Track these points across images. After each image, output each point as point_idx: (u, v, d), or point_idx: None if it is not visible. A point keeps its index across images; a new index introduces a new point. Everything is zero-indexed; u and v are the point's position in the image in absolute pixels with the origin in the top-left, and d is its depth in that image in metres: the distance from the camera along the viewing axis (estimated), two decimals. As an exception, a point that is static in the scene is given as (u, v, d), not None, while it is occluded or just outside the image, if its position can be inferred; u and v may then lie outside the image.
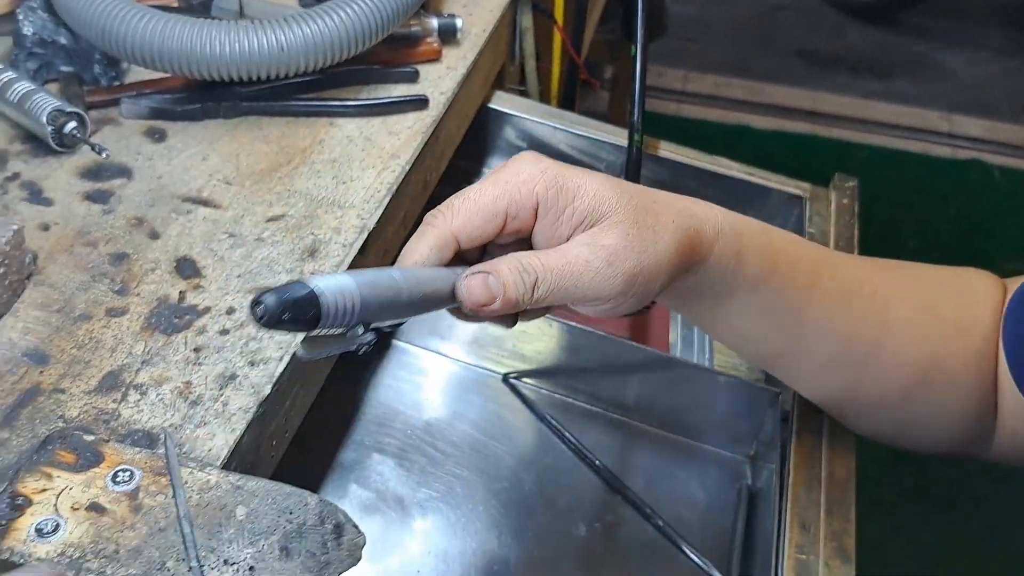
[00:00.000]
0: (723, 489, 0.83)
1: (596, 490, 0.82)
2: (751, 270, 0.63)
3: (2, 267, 0.64)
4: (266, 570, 0.49)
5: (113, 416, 0.59)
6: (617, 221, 0.57)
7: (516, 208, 0.57)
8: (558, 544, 0.77)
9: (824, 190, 1.05)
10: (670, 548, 0.78)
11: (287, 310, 0.47)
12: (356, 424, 0.86)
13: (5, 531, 0.50)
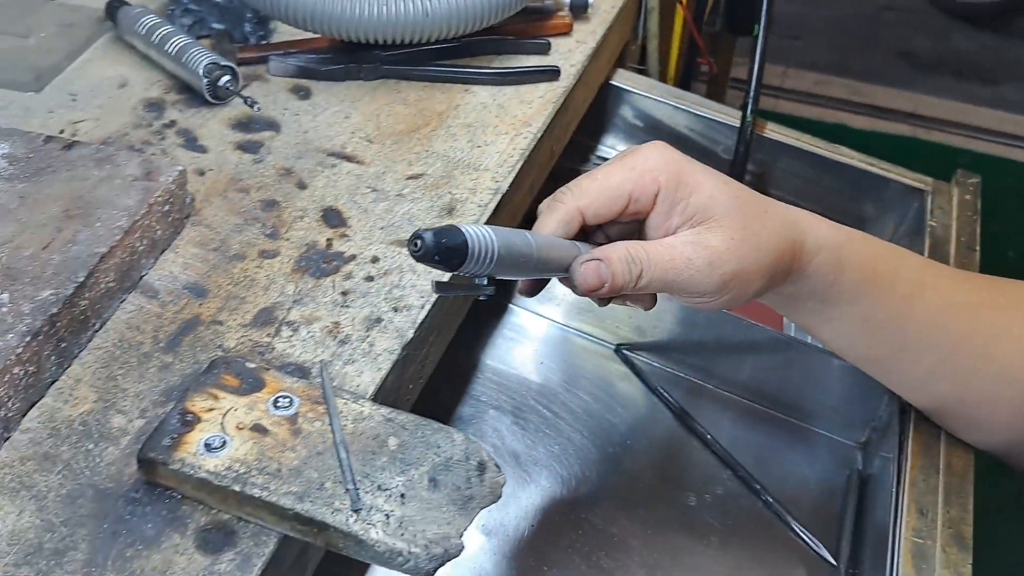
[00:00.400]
0: (833, 473, 0.84)
1: (706, 464, 0.83)
2: (851, 281, 0.65)
3: (167, 205, 0.68)
4: (415, 498, 0.52)
5: (267, 349, 0.63)
6: (724, 224, 0.60)
7: (639, 193, 0.61)
8: (668, 511, 0.79)
9: (946, 185, 1.05)
10: (779, 525, 0.79)
11: (440, 252, 0.51)
12: (474, 381, 0.89)
13: (176, 444, 0.53)
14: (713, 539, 0.77)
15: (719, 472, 0.82)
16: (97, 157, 0.68)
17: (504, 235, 0.55)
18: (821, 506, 0.81)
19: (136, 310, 0.64)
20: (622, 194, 0.61)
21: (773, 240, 0.61)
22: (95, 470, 0.55)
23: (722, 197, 0.61)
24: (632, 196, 0.61)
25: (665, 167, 0.61)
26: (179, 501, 0.54)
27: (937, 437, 0.74)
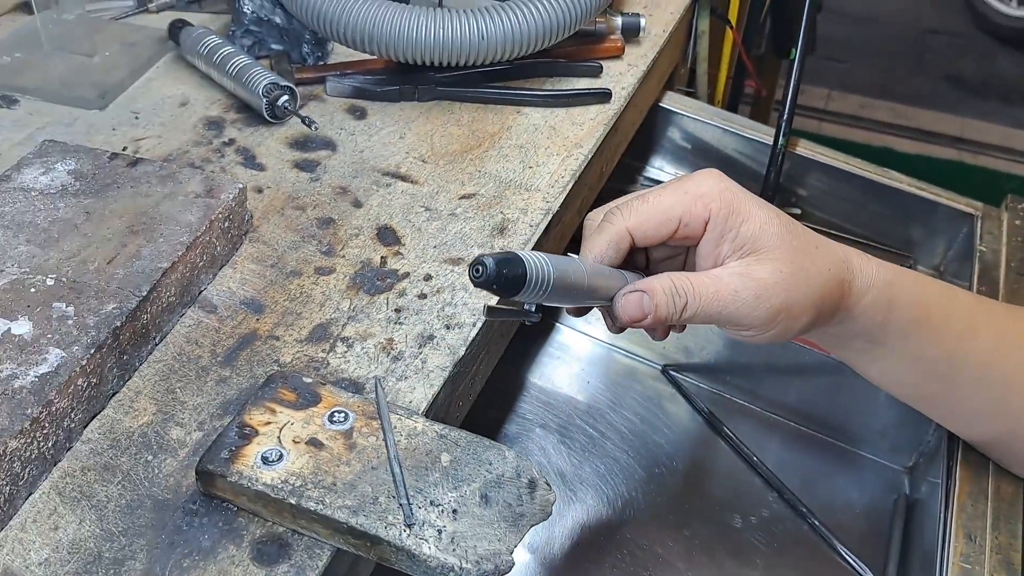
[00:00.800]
0: (880, 497, 0.84)
1: (752, 485, 0.83)
2: (902, 320, 0.64)
3: (227, 221, 0.69)
4: (468, 515, 0.53)
5: (323, 364, 0.64)
6: (774, 257, 0.59)
7: (689, 218, 0.60)
8: (713, 532, 0.79)
9: (996, 210, 1.04)
10: (825, 548, 0.79)
11: (500, 280, 0.52)
12: (520, 400, 0.90)
13: (235, 456, 0.54)
14: (759, 561, 0.77)
15: (765, 494, 0.82)
16: (160, 174, 0.70)
17: (559, 265, 0.56)
18: (867, 530, 0.81)
19: (195, 324, 0.66)
20: (672, 217, 0.60)
21: (823, 276, 0.61)
22: (154, 481, 0.56)
23: (773, 229, 0.60)
24: (683, 220, 0.60)
25: (718, 194, 0.60)
26: (235, 513, 0.55)
27: (986, 463, 0.74)
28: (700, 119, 1.13)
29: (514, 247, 0.74)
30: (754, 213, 0.60)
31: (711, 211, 0.60)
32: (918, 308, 0.64)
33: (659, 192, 0.62)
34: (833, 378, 0.87)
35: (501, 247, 0.74)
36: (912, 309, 0.64)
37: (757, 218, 0.60)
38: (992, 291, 0.93)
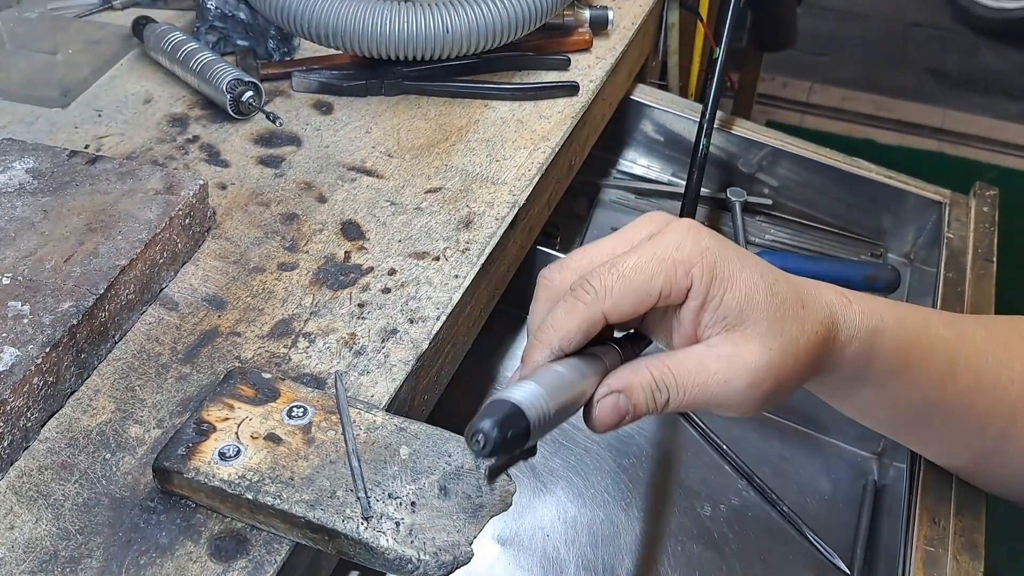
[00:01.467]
0: (848, 483, 0.84)
1: (722, 474, 0.83)
2: (881, 368, 0.60)
3: (188, 218, 0.69)
4: (426, 507, 0.53)
5: (284, 360, 0.64)
6: (761, 332, 0.54)
7: (670, 289, 0.54)
8: (683, 521, 0.79)
9: (964, 197, 1.05)
10: (794, 535, 0.79)
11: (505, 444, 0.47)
12: (491, 392, 0.90)
13: (191, 453, 0.54)
14: (728, 549, 0.77)
15: (735, 483, 0.82)
16: (120, 171, 0.70)
17: (551, 387, 0.50)
18: (836, 516, 0.81)
19: (155, 322, 0.66)
20: (652, 292, 0.53)
21: (810, 342, 0.55)
22: (111, 479, 0.56)
23: (759, 296, 0.54)
24: (663, 293, 0.54)
25: (699, 257, 0.54)
26: (193, 509, 0.55)
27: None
28: (671, 111, 1.13)
29: (479, 240, 0.74)
30: (738, 278, 0.54)
31: (693, 278, 0.54)
32: (898, 355, 0.60)
33: (635, 261, 0.54)
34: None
35: (467, 240, 0.74)
36: (892, 357, 0.60)
37: (741, 284, 0.54)
38: (959, 277, 0.93)
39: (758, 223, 1.12)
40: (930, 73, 3.39)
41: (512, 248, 0.79)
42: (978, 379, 0.63)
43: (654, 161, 1.18)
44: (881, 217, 1.09)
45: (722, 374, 0.54)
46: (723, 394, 0.54)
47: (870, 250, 1.10)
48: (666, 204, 1.12)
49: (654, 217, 0.57)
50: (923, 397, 0.62)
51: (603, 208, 1.11)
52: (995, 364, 0.63)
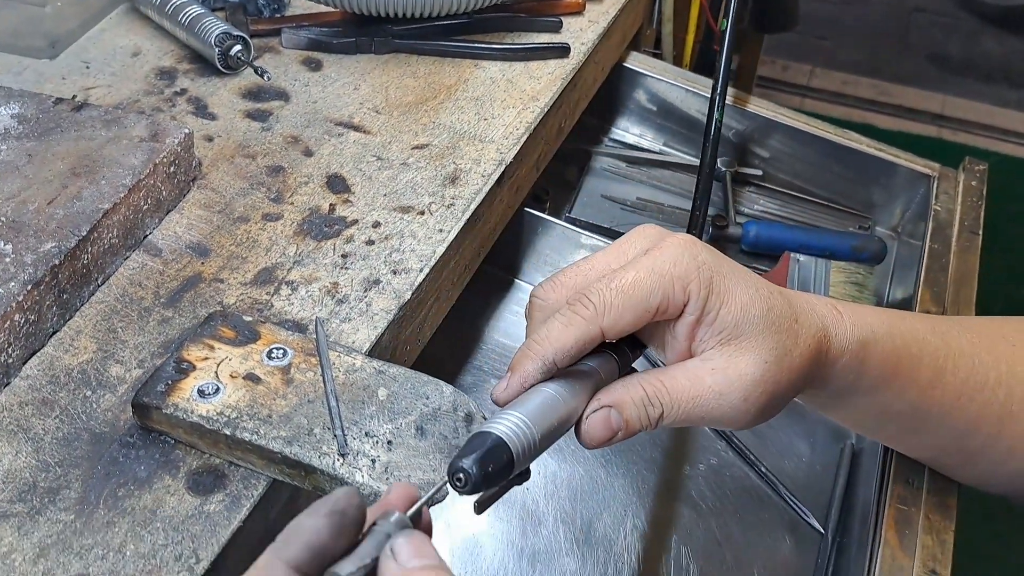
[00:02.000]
0: (827, 447, 0.85)
1: (701, 434, 0.84)
2: (872, 378, 0.61)
3: (172, 166, 0.69)
4: (402, 445, 0.53)
5: (266, 306, 0.64)
6: (756, 346, 0.54)
7: (667, 305, 0.54)
8: (662, 479, 0.80)
9: (953, 171, 1.05)
10: (771, 495, 0.80)
11: (488, 478, 0.47)
12: (476, 351, 0.90)
13: (171, 390, 0.55)
14: (704, 506, 0.78)
15: (714, 443, 0.83)
16: (105, 119, 0.70)
17: (537, 416, 0.50)
18: (814, 479, 0.82)
19: (139, 267, 0.66)
20: (650, 308, 0.53)
21: (804, 356, 0.56)
22: (91, 415, 0.56)
23: (754, 311, 0.54)
24: (660, 308, 0.53)
25: (696, 273, 0.54)
26: (172, 445, 0.55)
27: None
28: (665, 80, 1.13)
29: (465, 196, 0.74)
30: (733, 292, 0.54)
31: (690, 293, 0.54)
32: (888, 365, 0.61)
33: (632, 276, 0.54)
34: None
35: (452, 196, 0.74)
36: (882, 367, 0.60)
37: (737, 299, 0.54)
38: (944, 248, 0.93)
39: (748, 193, 1.13)
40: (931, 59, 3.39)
41: (499, 206, 0.80)
42: (966, 383, 0.63)
43: (647, 130, 1.18)
44: (871, 190, 1.09)
45: (716, 387, 0.54)
46: (717, 407, 0.54)
47: (858, 223, 1.11)
48: (656, 172, 1.13)
49: (647, 231, 0.57)
50: (912, 403, 0.63)
51: (594, 175, 1.12)
52: (982, 367, 0.64)
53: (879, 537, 0.67)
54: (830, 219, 1.11)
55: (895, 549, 0.68)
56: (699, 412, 0.54)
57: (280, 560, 0.39)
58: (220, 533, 0.51)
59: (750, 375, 0.54)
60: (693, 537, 0.77)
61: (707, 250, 0.55)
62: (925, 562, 0.67)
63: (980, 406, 0.64)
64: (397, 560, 0.40)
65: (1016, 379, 0.64)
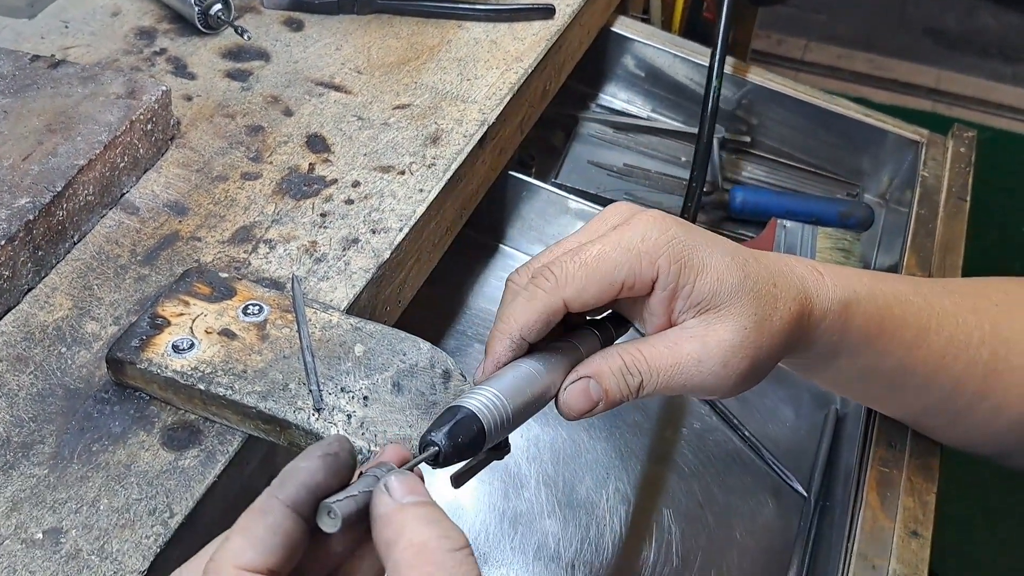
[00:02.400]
0: (812, 412, 0.84)
1: (685, 399, 0.84)
2: (856, 339, 0.60)
3: (150, 124, 0.69)
4: (378, 401, 0.53)
5: (244, 264, 0.64)
6: (735, 312, 0.53)
7: (634, 280, 0.52)
8: (644, 442, 0.80)
9: (942, 138, 1.04)
10: (754, 459, 0.80)
11: (458, 450, 0.47)
12: (460, 316, 0.90)
13: (145, 345, 0.54)
14: (687, 469, 0.78)
15: (698, 407, 0.83)
16: (82, 76, 0.69)
17: (511, 389, 0.50)
18: (797, 443, 0.82)
19: (116, 225, 0.65)
20: (615, 282, 0.52)
21: (784, 320, 0.55)
22: (66, 372, 0.56)
23: (730, 279, 0.53)
24: (626, 283, 0.52)
25: (666, 247, 0.52)
26: (147, 401, 0.55)
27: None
28: (652, 44, 1.12)
29: (447, 156, 0.74)
30: (708, 264, 0.53)
31: (659, 269, 0.52)
32: (871, 325, 0.60)
33: (598, 249, 0.53)
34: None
35: (433, 156, 0.74)
36: (865, 327, 0.60)
37: (712, 269, 0.53)
38: (931, 214, 0.93)
39: (735, 160, 1.12)
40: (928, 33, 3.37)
41: (481, 168, 0.79)
42: (950, 342, 0.63)
43: (635, 96, 1.17)
44: (859, 157, 1.09)
45: (695, 354, 0.53)
46: (698, 374, 0.53)
47: (846, 190, 1.10)
48: (643, 139, 1.12)
49: (619, 207, 0.56)
50: (897, 364, 0.62)
51: (580, 141, 1.11)
52: (965, 326, 0.63)
53: (861, 499, 0.66)
54: (818, 186, 1.10)
55: (876, 511, 0.68)
56: (679, 380, 0.53)
57: (277, 499, 0.40)
58: (194, 488, 0.51)
59: (729, 341, 0.53)
60: (676, 500, 0.77)
61: (678, 224, 0.54)
62: (907, 523, 0.67)
63: (964, 365, 0.63)
64: (391, 495, 0.41)
65: (1000, 339, 0.64)
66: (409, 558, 0.39)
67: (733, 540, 0.75)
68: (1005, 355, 0.64)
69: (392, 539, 0.40)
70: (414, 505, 0.40)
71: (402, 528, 0.40)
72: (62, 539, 0.48)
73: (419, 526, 0.40)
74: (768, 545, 0.75)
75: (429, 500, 0.41)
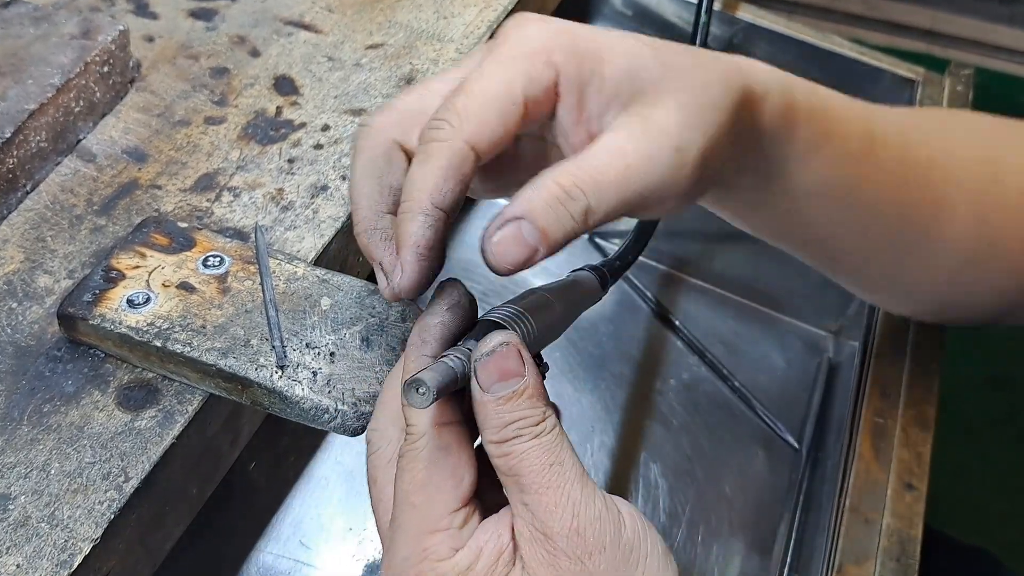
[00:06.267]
0: (804, 361, 0.82)
1: (675, 350, 0.81)
2: (802, 137, 0.51)
3: (106, 66, 0.65)
4: (346, 357, 0.50)
5: (206, 214, 0.60)
6: (667, 89, 0.43)
7: (533, 88, 0.43)
8: (632, 394, 0.78)
9: (939, 76, 1.01)
10: (744, 410, 0.78)
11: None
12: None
13: (98, 300, 0.51)
14: (675, 422, 0.76)
15: (687, 359, 0.80)
16: (34, 16, 0.65)
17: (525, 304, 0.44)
18: (789, 393, 0.79)
19: (71, 173, 0.62)
20: (514, 98, 0.42)
21: (724, 89, 0.45)
22: (17, 328, 0.53)
23: (643, 55, 0.44)
24: (528, 97, 0.43)
25: (555, 40, 0.43)
26: (102, 360, 0.52)
27: (906, 318, 0.72)
28: (640, -18, 1.08)
29: (420, 98, 0.70)
30: (610, 46, 0.44)
31: (557, 66, 0.43)
32: (816, 121, 0.51)
33: (480, 70, 0.43)
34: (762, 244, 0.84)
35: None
36: (810, 122, 0.51)
37: (618, 51, 0.44)
38: (928, 154, 0.90)
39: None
40: (923, -27, 3.32)
41: (459, 111, 0.76)
42: (900, 159, 0.56)
43: (621, 37, 1.13)
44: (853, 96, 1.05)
45: (643, 149, 0.42)
46: (653, 172, 0.42)
47: (840, 131, 1.07)
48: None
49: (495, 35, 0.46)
50: (847, 178, 0.54)
51: (565, 84, 1.07)
52: (914, 143, 0.57)
53: (854, 451, 0.64)
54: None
55: (870, 463, 0.66)
56: (633, 189, 0.42)
57: (428, 358, 0.42)
58: (151, 450, 0.48)
59: (675, 121, 0.43)
60: (663, 454, 0.74)
61: (559, 20, 0.45)
62: (901, 475, 0.65)
63: (915, 191, 0.57)
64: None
65: (952, 162, 0.59)
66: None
67: (722, 494, 0.73)
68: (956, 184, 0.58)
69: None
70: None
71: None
72: (10, 506, 0.46)
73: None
74: (758, 499, 0.73)
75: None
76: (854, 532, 0.63)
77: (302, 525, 0.71)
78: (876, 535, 0.63)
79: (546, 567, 0.39)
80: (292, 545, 0.70)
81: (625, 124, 0.43)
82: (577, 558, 0.39)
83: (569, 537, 0.39)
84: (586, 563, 0.39)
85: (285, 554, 0.70)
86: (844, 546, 0.63)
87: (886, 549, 0.62)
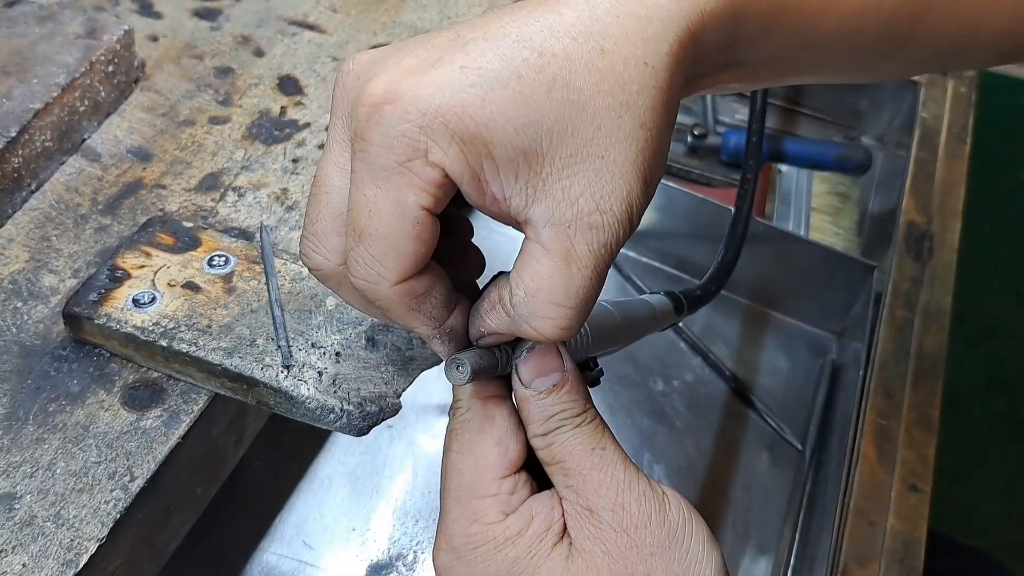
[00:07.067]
0: (807, 363, 0.82)
1: (678, 351, 0.81)
2: (755, 28, 0.41)
3: (111, 65, 0.65)
4: (352, 357, 0.50)
5: (211, 213, 0.60)
6: (574, 156, 0.36)
7: (426, 196, 0.37)
8: (635, 394, 0.77)
9: (941, 78, 1.01)
10: (747, 412, 0.78)
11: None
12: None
13: (103, 299, 0.51)
14: (679, 423, 0.75)
15: (690, 359, 0.80)
16: (39, 15, 0.65)
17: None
18: (792, 395, 0.79)
19: (76, 172, 0.62)
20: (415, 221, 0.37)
21: (637, 108, 0.37)
22: (22, 327, 0.53)
23: (534, 113, 0.36)
24: (425, 206, 0.37)
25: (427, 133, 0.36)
26: (107, 359, 0.52)
27: (910, 321, 0.72)
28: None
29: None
30: (491, 121, 0.36)
31: (439, 164, 0.36)
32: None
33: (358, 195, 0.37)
34: (765, 243, 0.84)
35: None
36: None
37: (502, 125, 0.36)
38: (931, 156, 0.90)
39: (728, 103, 1.08)
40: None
41: (463, 111, 0.76)
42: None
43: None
44: (856, 98, 1.06)
45: (591, 206, 0.36)
46: (602, 261, 0.37)
47: (843, 132, 1.07)
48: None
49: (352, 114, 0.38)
50: (812, 32, 0.44)
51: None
52: None
53: (857, 453, 0.64)
54: (814, 130, 1.07)
55: (874, 464, 0.66)
56: (598, 278, 0.38)
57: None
58: (157, 450, 0.48)
59: (591, 196, 0.36)
60: (666, 455, 0.74)
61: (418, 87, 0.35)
62: (905, 477, 0.65)
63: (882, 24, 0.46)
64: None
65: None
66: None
67: (725, 496, 0.72)
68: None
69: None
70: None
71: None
72: (15, 505, 0.46)
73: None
74: (762, 501, 0.73)
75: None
76: (858, 534, 0.63)
77: (306, 525, 0.71)
78: (880, 537, 0.63)
79: (592, 540, 0.40)
80: (296, 545, 0.70)
81: (545, 199, 0.37)
82: (623, 530, 0.40)
83: (614, 511, 0.40)
84: (632, 535, 0.40)
85: (288, 554, 0.69)
86: (848, 548, 0.63)
87: (890, 551, 0.62)
